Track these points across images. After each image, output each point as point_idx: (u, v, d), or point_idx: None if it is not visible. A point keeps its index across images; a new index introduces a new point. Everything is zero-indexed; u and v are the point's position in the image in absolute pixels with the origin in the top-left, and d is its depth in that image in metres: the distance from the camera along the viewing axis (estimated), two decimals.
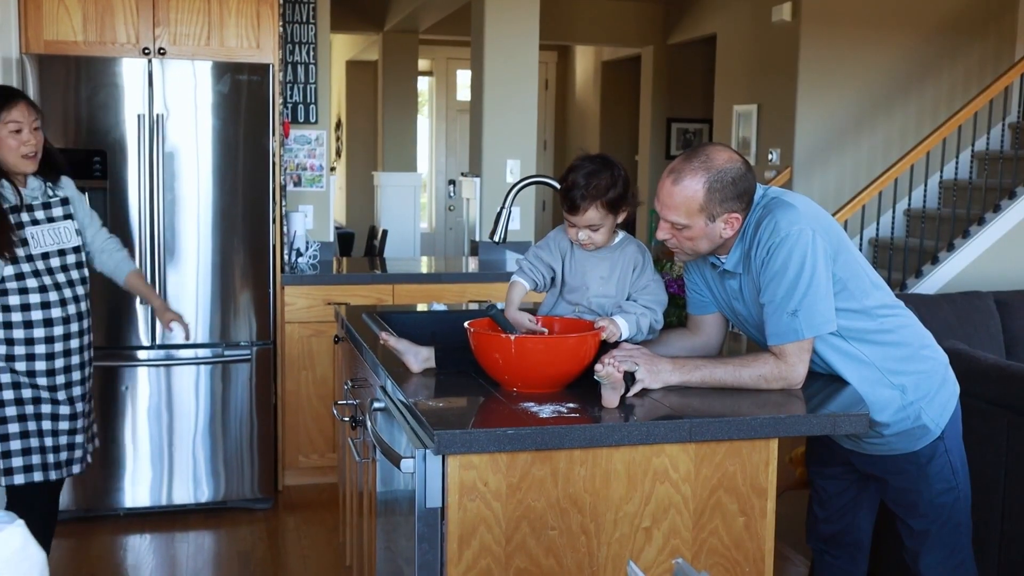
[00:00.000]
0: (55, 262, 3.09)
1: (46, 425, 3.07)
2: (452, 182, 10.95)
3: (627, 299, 2.43)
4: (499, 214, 3.16)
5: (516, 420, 1.99)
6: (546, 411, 2.05)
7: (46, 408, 3.07)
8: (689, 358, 2.32)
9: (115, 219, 4.09)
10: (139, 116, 4.10)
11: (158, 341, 4.19)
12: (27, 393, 3.03)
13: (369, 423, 2.37)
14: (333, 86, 10.12)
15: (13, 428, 3.02)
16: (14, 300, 3.00)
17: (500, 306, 2.40)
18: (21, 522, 1.07)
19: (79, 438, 3.15)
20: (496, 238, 3.17)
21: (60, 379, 3.09)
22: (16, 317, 3.01)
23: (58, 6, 4.12)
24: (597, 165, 2.37)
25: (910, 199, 6.03)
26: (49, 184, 3.16)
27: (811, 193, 6.51)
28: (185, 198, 4.19)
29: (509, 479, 1.98)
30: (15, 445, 3.03)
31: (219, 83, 4.19)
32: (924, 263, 5.66)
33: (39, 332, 3.03)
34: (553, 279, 2.50)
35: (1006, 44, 6.86)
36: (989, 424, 3.04)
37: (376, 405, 2.42)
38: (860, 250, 5.43)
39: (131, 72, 4.10)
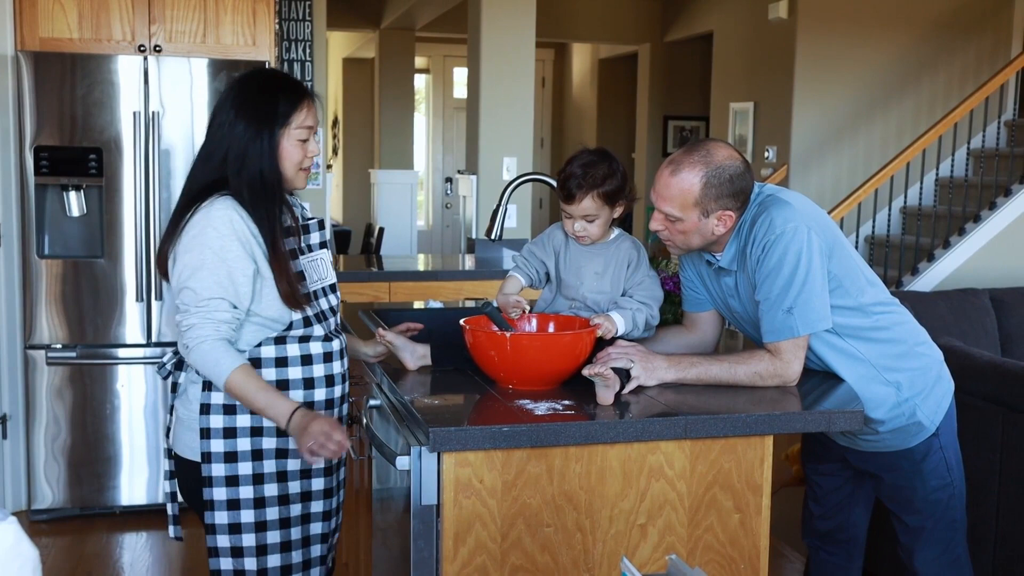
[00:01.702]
0: (324, 304, 2.26)
1: (297, 510, 2.27)
2: (449, 180, 10.95)
3: (622, 295, 2.43)
4: (495, 211, 3.16)
5: (512, 417, 1.99)
6: (541, 408, 2.05)
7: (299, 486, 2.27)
8: (684, 355, 2.32)
9: (111, 217, 4.09)
10: (135, 113, 4.10)
11: (153, 339, 4.19)
12: (292, 465, 2.23)
13: (365, 420, 2.37)
14: (330, 83, 10.13)
15: (272, 515, 2.21)
16: (293, 350, 2.19)
17: (496, 304, 2.40)
18: (14, 519, 1.06)
19: (333, 523, 2.36)
20: (493, 236, 3.17)
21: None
22: (295, 373, 2.20)
23: (53, 3, 4.10)
24: (596, 157, 2.38)
25: (906, 196, 6.04)
26: (295, 201, 2.34)
27: (807, 190, 6.51)
28: None
29: (504, 476, 1.98)
30: (272, 539, 2.22)
31: (215, 80, 4.18)
32: (920, 260, 5.67)
33: (320, 394, 2.23)
34: (548, 275, 2.50)
35: (1002, 41, 6.86)
36: (984, 421, 3.05)
37: (372, 403, 2.42)
38: (856, 247, 5.45)
39: (127, 69, 4.09)
